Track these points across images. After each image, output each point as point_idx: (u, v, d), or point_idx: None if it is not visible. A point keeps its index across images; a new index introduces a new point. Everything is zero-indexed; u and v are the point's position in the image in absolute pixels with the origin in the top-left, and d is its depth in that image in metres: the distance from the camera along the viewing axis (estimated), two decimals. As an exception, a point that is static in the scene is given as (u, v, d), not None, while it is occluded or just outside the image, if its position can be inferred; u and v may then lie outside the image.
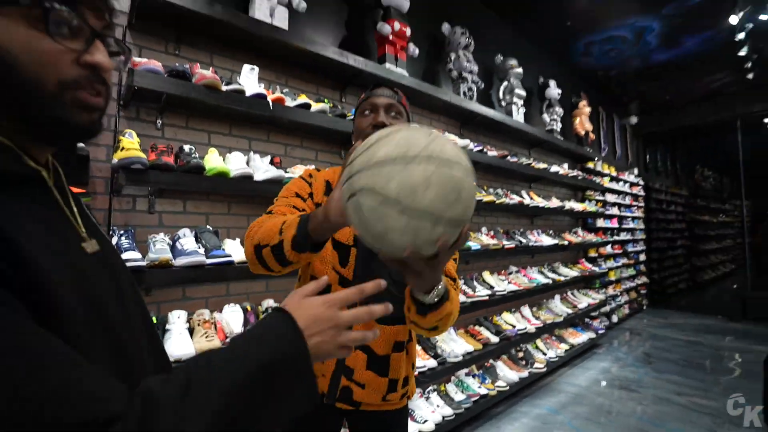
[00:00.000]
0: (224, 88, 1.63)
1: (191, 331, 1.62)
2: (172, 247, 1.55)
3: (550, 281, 3.62)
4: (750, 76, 4.91)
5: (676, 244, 7.68)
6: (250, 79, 1.80)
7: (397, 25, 2.34)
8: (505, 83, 3.52)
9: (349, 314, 0.51)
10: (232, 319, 1.69)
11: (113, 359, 0.43)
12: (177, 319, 1.57)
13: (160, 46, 1.75)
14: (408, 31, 2.42)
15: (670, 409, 2.80)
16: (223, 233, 1.85)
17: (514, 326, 3.19)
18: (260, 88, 1.77)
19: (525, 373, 3.11)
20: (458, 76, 2.91)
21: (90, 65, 0.43)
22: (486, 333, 2.97)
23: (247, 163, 1.81)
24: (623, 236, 5.88)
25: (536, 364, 3.30)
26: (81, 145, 1.40)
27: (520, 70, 3.53)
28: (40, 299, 0.37)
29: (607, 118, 5.97)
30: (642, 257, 6.58)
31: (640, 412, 2.78)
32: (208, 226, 1.70)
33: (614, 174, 5.72)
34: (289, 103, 1.88)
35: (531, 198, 3.73)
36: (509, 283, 3.23)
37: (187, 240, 1.58)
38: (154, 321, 1.55)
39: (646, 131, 7.10)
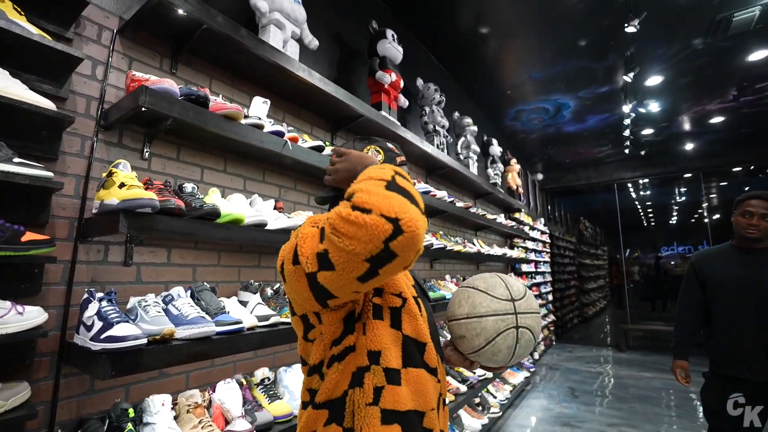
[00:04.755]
0: (243, 121, 1.41)
1: (177, 418, 1.26)
2: (166, 312, 1.21)
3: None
4: (626, 151, 6.16)
5: (570, 284, 8.88)
6: (260, 113, 1.60)
7: (393, 76, 2.36)
8: (462, 139, 3.79)
9: None
10: (230, 398, 1.36)
11: None
12: (161, 407, 1.21)
13: (155, 61, 1.46)
14: (402, 83, 2.46)
15: (610, 443, 3.08)
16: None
17: (474, 372, 3.22)
18: (270, 124, 1.58)
19: (485, 420, 3.14)
20: (433, 129, 3.03)
21: None
22: (454, 383, 2.94)
23: (251, 207, 1.56)
24: (538, 279, 6.58)
25: (492, 409, 3.36)
26: (41, 173, 1.03)
27: (475, 128, 3.84)
28: None
29: (523, 173, 6.81)
30: (550, 297, 7.43)
31: (587, 449, 3.00)
32: (204, 283, 1.38)
33: (531, 223, 6.47)
34: (301, 143, 1.70)
35: (481, 246, 3.96)
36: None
37: (182, 302, 1.26)
38: (130, 413, 1.16)
39: (548, 187, 8.29)
